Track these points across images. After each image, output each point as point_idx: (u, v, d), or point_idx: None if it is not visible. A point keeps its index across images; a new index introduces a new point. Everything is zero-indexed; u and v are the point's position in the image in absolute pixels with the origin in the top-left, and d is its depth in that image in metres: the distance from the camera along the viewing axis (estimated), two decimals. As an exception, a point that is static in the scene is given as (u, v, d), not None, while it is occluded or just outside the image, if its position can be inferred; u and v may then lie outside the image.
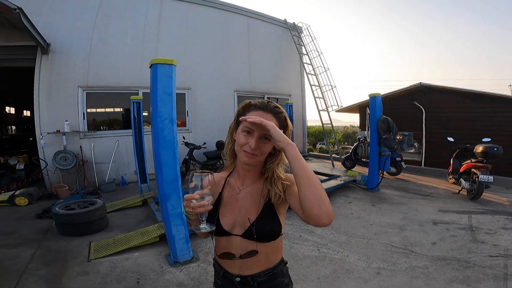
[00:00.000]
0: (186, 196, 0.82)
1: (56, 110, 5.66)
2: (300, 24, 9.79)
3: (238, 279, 1.00)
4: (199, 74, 7.46)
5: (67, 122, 5.54)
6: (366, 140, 7.84)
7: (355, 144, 7.84)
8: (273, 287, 1.02)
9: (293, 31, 9.37)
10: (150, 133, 6.32)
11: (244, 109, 0.96)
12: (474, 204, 4.72)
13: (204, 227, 0.85)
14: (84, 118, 5.98)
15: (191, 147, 6.63)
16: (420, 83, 7.84)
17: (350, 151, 7.93)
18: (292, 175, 0.82)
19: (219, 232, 0.98)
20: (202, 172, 0.85)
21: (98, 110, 6.71)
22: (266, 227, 0.94)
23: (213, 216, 0.98)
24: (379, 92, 5.51)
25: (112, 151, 6.22)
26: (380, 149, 5.45)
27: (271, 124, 0.82)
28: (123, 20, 6.43)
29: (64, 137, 5.48)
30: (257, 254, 0.94)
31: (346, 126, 33.76)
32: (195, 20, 7.47)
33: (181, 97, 7.18)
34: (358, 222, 3.99)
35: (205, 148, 6.90)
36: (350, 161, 7.64)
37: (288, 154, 0.80)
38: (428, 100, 7.82)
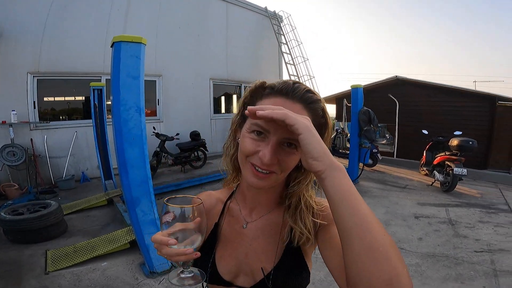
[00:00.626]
0: (156, 238, 0.50)
1: (1, 99, 4.85)
2: (280, 13, 9.46)
3: None
4: (172, 60, 6.86)
5: (14, 112, 4.75)
6: (344, 131, 7.83)
7: (333, 135, 7.80)
8: None
9: (274, 19, 9.03)
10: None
11: (255, 94, 0.61)
12: (448, 197, 4.84)
13: (188, 276, 0.54)
14: (34, 107, 5.19)
15: (163, 138, 6.11)
16: (396, 76, 7.94)
17: (328, 142, 7.88)
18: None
19: (215, 280, 0.66)
20: (187, 201, 0.54)
21: (57, 98, 5.90)
22: (288, 282, 0.61)
23: (206, 258, 0.66)
24: (360, 84, 5.39)
25: (70, 143, 5.51)
26: (360, 141, 5.39)
27: (304, 122, 0.45)
28: (86, 0, 5.63)
29: (11, 128, 4.70)
30: None
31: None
32: (169, 3, 6.79)
33: (151, 85, 6.56)
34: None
35: (178, 139, 6.40)
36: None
37: (328, 186, 0.44)
38: (402, 93, 7.96)
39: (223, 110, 8.84)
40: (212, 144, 7.71)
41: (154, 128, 6.07)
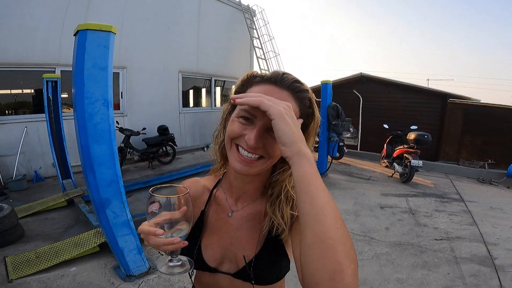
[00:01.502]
0: (143, 228, 0.51)
1: None
2: (254, 7, 9.35)
3: None
4: (138, 52, 6.43)
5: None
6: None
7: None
8: None
9: (247, 13, 8.88)
10: (71, 117, 5.29)
11: (246, 83, 0.63)
12: (407, 187, 5.25)
13: (176, 265, 0.55)
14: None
15: (127, 133, 5.75)
16: (361, 73, 8.35)
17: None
18: None
19: (200, 267, 0.68)
20: (173, 191, 0.55)
21: (2, 91, 5.22)
22: (269, 270, 0.64)
23: (192, 245, 0.67)
24: (329, 80, 5.57)
25: (19, 140, 4.93)
26: (329, 135, 5.59)
27: (279, 109, 0.47)
28: None
29: None
30: None
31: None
32: None
33: (114, 77, 6.09)
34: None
35: (145, 134, 6.08)
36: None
37: (295, 172, 0.45)
38: (366, 89, 8.40)
39: (191, 104, 8.57)
40: (181, 138, 7.45)
41: (117, 122, 5.68)
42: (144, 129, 6.08)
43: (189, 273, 0.65)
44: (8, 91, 5.37)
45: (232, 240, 0.68)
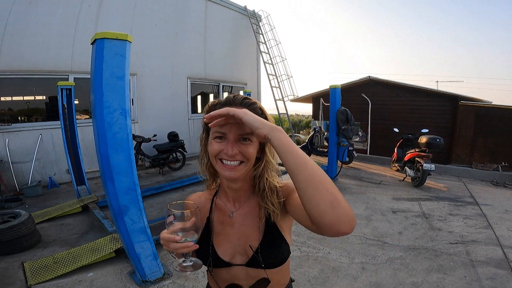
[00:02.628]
0: (164, 236, 0.64)
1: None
2: (260, 12, 9.46)
3: None
4: (147, 58, 6.57)
5: (-31, 112, 4.28)
6: (322, 130, 8.05)
7: (311, 133, 7.98)
8: None
9: (253, 18, 8.99)
10: (85, 124, 5.33)
11: (210, 110, 0.77)
12: (419, 191, 5.17)
13: (189, 265, 0.68)
14: (-8, 108, 4.71)
15: (139, 140, 5.86)
16: (369, 76, 8.32)
17: (306, 140, 8.06)
18: (290, 180, 0.63)
19: (218, 264, 0.80)
20: (184, 205, 0.72)
21: (15, 98, 5.38)
22: (272, 254, 0.77)
23: (206, 247, 0.81)
24: (338, 84, 5.57)
25: (35, 147, 5.07)
26: (338, 139, 5.57)
27: (242, 110, 0.63)
28: None
29: (-35, 130, 4.22)
30: (269, 283, 0.79)
31: (291, 115, 35.04)
32: (146, 0, 6.49)
33: (125, 84, 6.22)
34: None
35: (156, 140, 6.18)
36: (306, 151, 7.75)
37: (274, 142, 0.59)
38: (374, 93, 8.36)
39: (199, 110, 8.65)
40: (190, 144, 7.52)
41: (129, 129, 5.78)
42: (155, 135, 6.18)
43: (209, 270, 0.82)
44: (21, 98, 5.53)
45: (238, 235, 0.80)
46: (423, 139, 5.44)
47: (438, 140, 5.26)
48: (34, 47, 5.04)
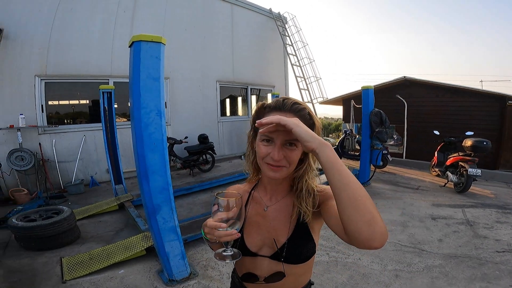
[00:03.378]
0: (210, 223, 0.67)
1: (8, 103, 4.81)
2: (285, 14, 9.44)
3: None
4: (178, 62, 6.83)
5: (22, 116, 4.72)
6: (353, 133, 7.77)
7: (341, 137, 7.74)
8: None
9: (278, 21, 9.00)
10: (123, 126, 5.61)
11: (258, 114, 0.82)
12: (463, 197, 4.77)
13: (229, 255, 0.71)
14: (42, 111, 5.16)
15: (171, 141, 6.07)
16: (404, 76, 7.90)
17: (337, 143, 7.83)
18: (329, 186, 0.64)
19: (244, 253, 0.84)
20: (230, 195, 0.71)
21: (61, 102, 5.85)
22: (297, 251, 0.81)
23: None
24: (371, 85, 5.34)
25: (79, 147, 5.46)
26: (372, 142, 5.33)
27: (293, 120, 0.65)
28: (93, 2, 5.60)
29: (19, 133, 4.66)
30: (284, 277, 0.82)
31: (320, 118, 34.39)
32: (175, 5, 6.78)
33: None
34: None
35: (187, 142, 6.36)
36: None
37: (321, 158, 0.61)
38: (410, 93, 7.90)
39: (228, 113, 8.77)
40: (219, 147, 7.65)
41: (162, 131, 6.02)
42: (186, 137, 6.37)
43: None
44: (67, 102, 5.98)
45: (269, 229, 0.84)
46: (468, 142, 5.01)
47: (485, 143, 4.82)
48: (77, 53, 5.44)
